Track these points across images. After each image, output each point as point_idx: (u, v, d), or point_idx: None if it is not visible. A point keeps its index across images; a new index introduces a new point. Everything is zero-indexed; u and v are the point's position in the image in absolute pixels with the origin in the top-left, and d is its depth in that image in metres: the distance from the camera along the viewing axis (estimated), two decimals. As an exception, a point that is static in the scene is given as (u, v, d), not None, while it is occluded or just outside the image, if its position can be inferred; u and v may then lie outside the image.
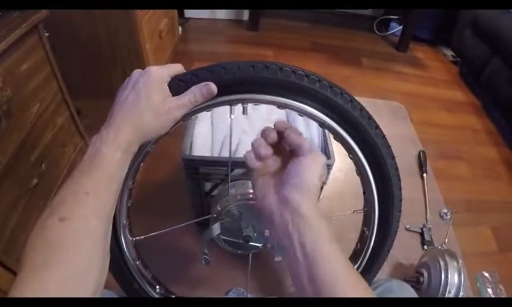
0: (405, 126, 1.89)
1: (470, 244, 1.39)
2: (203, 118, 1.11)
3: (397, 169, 0.63)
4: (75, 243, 0.41)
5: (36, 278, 0.37)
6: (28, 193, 0.99)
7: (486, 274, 1.27)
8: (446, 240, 1.33)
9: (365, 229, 0.69)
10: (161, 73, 0.51)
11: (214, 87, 0.51)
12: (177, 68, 0.53)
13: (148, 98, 0.49)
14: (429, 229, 1.35)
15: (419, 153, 1.67)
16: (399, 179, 0.64)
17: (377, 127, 0.59)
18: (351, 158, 0.62)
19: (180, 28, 2.22)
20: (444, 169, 1.69)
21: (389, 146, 0.62)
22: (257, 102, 0.55)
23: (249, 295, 1.03)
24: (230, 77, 0.52)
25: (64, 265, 0.39)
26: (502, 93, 1.93)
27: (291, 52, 2.45)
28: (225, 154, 1.01)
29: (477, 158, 1.81)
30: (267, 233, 0.63)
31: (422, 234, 1.33)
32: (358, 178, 0.66)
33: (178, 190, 1.30)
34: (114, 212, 0.49)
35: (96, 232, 0.44)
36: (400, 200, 0.66)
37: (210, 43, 2.45)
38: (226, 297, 0.81)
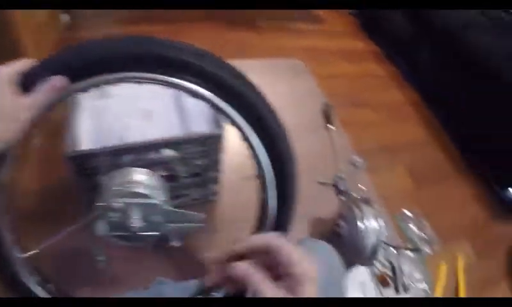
0: (306, 81, 1.88)
1: (387, 186, 1.46)
2: (83, 106, 1.03)
3: (280, 124, 0.63)
4: None
5: None
6: None
7: (407, 212, 1.34)
8: (360, 186, 1.37)
9: (262, 193, 0.70)
10: (4, 72, 0.46)
11: (61, 80, 0.47)
12: (24, 63, 0.49)
13: None
14: (341, 178, 1.37)
15: (323, 105, 1.67)
16: (286, 134, 0.64)
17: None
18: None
19: (66, 15, 2.04)
20: (352, 118, 1.71)
21: (266, 102, 0.61)
22: (116, 81, 0.52)
23: (169, 282, 1.01)
24: (82, 59, 0.49)
25: None
26: (402, 35, 2.05)
27: (186, 24, 2.27)
28: (114, 141, 0.94)
29: (383, 103, 1.89)
30: (157, 219, 0.60)
31: (335, 185, 1.36)
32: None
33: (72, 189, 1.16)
34: None
35: None
36: (292, 155, 0.66)
37: (102, 26, 2.21)
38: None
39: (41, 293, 0.65)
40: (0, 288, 0.58)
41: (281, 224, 0.72)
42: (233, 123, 0.60)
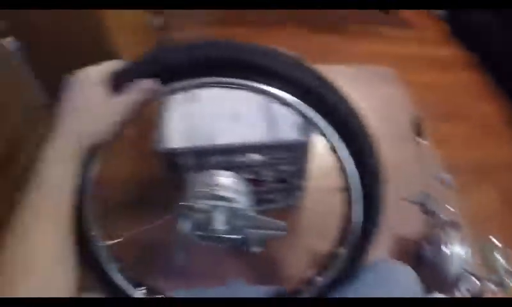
0: (396, 90, 1.81)
1: (474, 208, 1.34)
2: (174, 105, 1.07)
3: (369, 136, 0.59)
4: (36, 258, 0.42)
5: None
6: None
7: (493, 239, 1.23)
8: (447, 206, 1.28)
9: (348, 207, 0.66)
10: (98, 72, 0.49)
11: (150, 84, 0.49)
12: (115, 64, 0.51)
13: (86, 101, 0.48)
14: (429, 196, 1.29)
15: (413, 117, 1.59)
16: (375, 147, 0.60)
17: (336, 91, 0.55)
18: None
19: (159, 17, 2.15)
20: (442, 132, 1.61)
21: (356, 114, 0.57)
22: (208, 85, 0.52)
23: (245, 285, 1.01)
24: (175, 62, 0.49)
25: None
26: (496, 44, 1.86)
27: (273, 28, 2.31)
28: (201, 142, 0.98)
29: (476, 116, 1.74)
30: (240, 224, 0.60)
31: (421, 203, 1.27)
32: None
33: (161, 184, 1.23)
34: (70, 220, 0.48)
35: (54, 244, 0.44)
36: (379, 170, 0.62)
37: (194, 27, 2.33)
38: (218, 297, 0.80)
39: (119, 279, 0.68)
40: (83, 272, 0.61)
41: (364, 239, 0.68)
42: (322, 133, 0.57)
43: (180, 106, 1.06)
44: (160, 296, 0.73)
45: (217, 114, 1.06)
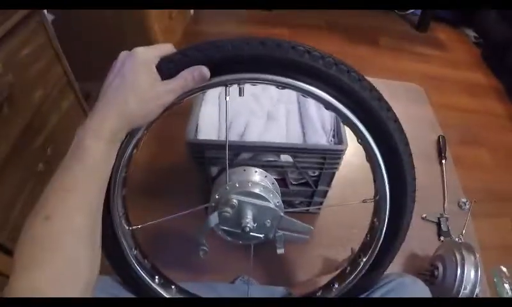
0: (423, 109, 1.81)
1: (489, 236, 1.33)
2: (210, 98, 1.07)
3: (410, 155, 0.58)
4: (60, 241, 0.40)
5: (25, 278, 0.37)
6: (33, 179, 0.98)
7: (504, 269, 1.22)
8: (463, 231, 1.27)
9: (375, 220, 0.65)
10: (149, 54, 0.47)
11: (205, 72, 0.47)
12: (166, 48, 0.49)
13: (134, 83, 0.45)
14: (447, 219, 1.29)
15: (438, 138, 1.60)
16: (413, 167, 0.59)
17: (389, 109, 0.54)
18: (359, 143, 0.57)
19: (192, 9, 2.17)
20: (464, 155, 1.61)
21: (402, 131, 0.56)
22: (254, 81, 0.51)
23: (255, 284, 1.01)
24: (223, 55, 0.48)
25: (51, 263, 0.39)
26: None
27: (306, 31, 2.37)
28: (233, 137, 0.98)
29: (499, 145, 1.71)
30: (268, 223, 0.59)
31: (438, 224, 1.28)
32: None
33: (185, 175, 1.27)
34: (102, 205, 0.47)
35: (81, 229, 0.43)
36: (414, 190, 0.61)
37: (223, 23, 2.38)
38: (223, 297, 0.79)
39: (136, 266, 0.67)
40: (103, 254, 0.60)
41: (386, 253, 0.67)
42: (363, 141, 0.56)
43: (214, 98, 1.06)
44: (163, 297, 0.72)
45: (251, 111, 1.05)
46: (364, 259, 0.67)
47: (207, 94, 1.04)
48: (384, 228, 0.64)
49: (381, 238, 0.65)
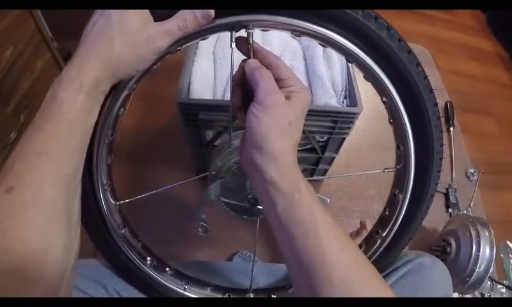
0: (430, 72, 1.69)
1: (495, 209, 1.28)
2: (203, 52, 0.95)
3: (439, 118, 0.51)
4: (24, 218, 0.33)
5: None
6: (5, 151, 0.88)
7: (510, 245, 1.17)
8: (471, 204, 1.22)
9: (397, 191, 0.57)
10: None
11: (211, 11, 0.38)
12: None
13: (121, 22, 0.36)
14: (455, 190, 1.23)
15: (446, 104, 1.51)
16: (441, 131, 0.52)
17: (418, 64, 0.47)
18: (384, 102, 0.49)
19: None
20: (471, 124, 1.54)
21: (432, 90, 0.50)
22: (265, 25, 0.41)
23: (257, 261, 0.94)
24: None
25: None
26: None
27: None
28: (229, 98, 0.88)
29: (506, 115, 1.65)
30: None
31: (446, 195, 1.22)
32: (390, 129, 0.53)
33: (177, 140, 1.16)
34: (80, 174, 0.38)
35: (52, 203, 0.35)
36: (441, 158, 0.54)
37: None
38: (224, 292, 0.72)
39: (125, 246, 0.59)
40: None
41: (407, 229, 0.60)
42: (388, 99, 0.48)
43: (209, 54, 0.94)
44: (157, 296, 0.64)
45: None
46: (383, 236, 0.60)
47: (199, 48, 0.93)
48: (407, 201, 0.56)
49: (403, 212, 0.58)
